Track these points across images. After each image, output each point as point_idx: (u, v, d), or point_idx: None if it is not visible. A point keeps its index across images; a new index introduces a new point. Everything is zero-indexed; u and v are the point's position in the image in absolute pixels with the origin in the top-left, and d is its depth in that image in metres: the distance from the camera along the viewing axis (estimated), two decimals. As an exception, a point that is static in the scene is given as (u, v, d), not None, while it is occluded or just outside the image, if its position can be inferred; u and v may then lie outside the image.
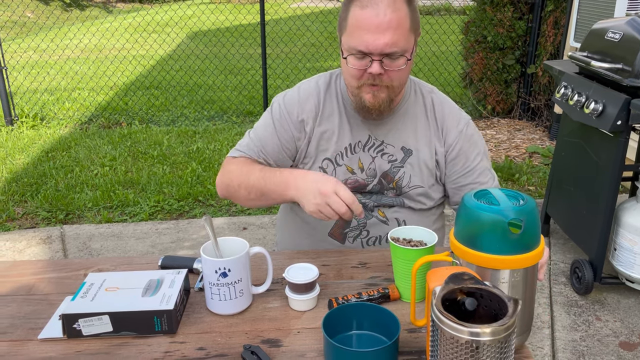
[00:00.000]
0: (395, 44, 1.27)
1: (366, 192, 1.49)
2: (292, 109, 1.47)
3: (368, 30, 1.25)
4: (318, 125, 1.46)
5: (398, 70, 1.31)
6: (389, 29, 1.25)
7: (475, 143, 1.48)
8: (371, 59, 1.28)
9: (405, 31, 1.28)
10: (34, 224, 3.40)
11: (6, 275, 1.31)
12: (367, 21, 1.25)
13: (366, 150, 1.46)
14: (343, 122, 1.46)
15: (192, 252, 3.06)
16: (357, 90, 1.36)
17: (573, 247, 3.00)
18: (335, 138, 1.46)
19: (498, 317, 0.79)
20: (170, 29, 7.65)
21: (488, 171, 1.49)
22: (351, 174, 1.47)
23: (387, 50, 1.27)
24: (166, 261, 1.32)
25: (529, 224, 0.90)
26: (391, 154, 1.46)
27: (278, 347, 1.04)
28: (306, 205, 1.28)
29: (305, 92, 1.48)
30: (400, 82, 1.36)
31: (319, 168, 1.48)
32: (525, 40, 4.89)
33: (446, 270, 0.89)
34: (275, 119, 1.48)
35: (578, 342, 2.29)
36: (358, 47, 1.28)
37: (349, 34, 1.30)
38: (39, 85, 6.16)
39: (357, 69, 1.31)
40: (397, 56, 1.29)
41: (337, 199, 1.23)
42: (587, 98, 2.47)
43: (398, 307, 1.15)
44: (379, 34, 1.25)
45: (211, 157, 4.35)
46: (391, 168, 1.46)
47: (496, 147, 4.56)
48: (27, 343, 1.07)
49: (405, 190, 1.47)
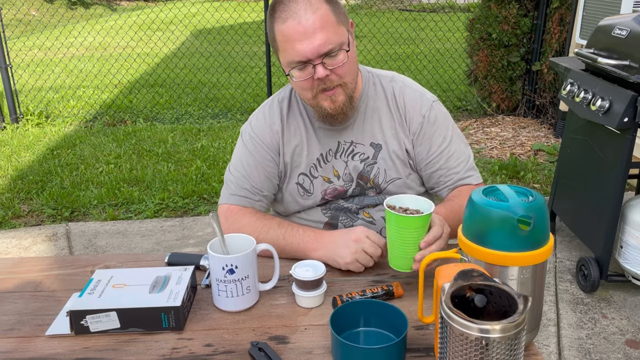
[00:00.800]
0: (328, 41, 1.25)
1: (348, 197, 1.48)
2: (263, 135, 1.46)
3: (297, 39, 1.25)
4: (287, 143, 1.45)
5: (343, 65, 1.29)
6: (316, 31, 1.24)
7: (440, 126, 1.45)
8: (312, 64, 1.27)
9: (332, 26, 1.27)
10: (39, 222, 3.41)
11: (13, 272, 1.32)
12: (293, 32, 1.25)
13: (338, 157, 1.45)
14: (310, 135, 1.45)
15: (198, 249, 3.07)
16: (314, 101, 1.34)
17: (579, 244, 2.99)
18: (306, 152, 1.45)
19: (508, 314, 0.79)
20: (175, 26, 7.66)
21: (459, 154, 1.45)
22: (328, 183, 1.46)
23: (323, 50, 1.25)
24: (173, 258, 1.32)
25: (538, 221, 0.89)
26: (362, 153, 1.45)
27: (285, 344, 1.04)
28: (340, 260, 1.27)
29: (269, 115, 1.47)
30: (351, 75, 1.34)
31: (296, 184, 1.47)
32: (530, 37, 4.87)
33: (455, 267, 0.88)
34: (251, 150, 1.46)
35: (584, 340, 2.28)
36: (295, 58, 1.27)
37: (283, 50, 1.29)
38: (44, 83, 6.18)
39: (304, 80, 1.30)
40: (335, 52, 1.27)
41: (370, 242, 1.25)
42: (593, 95, 2.45)
43: (405, 304, 1.15)
44: (308, 39, 1.24)
45: (216, 155, 4.35)
46: (365, 167, 1.45)
47: (501, 144, 4.55)
48: (34, 339, 1.07)
49: (384, 186, 1.46)
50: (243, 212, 1.43)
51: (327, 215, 1.50)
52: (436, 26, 6.16)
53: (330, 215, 1.50)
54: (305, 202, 1.48)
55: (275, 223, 1.38)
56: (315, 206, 1.50)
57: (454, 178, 1.44)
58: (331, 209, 1.49)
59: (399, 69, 6.14)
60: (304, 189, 1.48)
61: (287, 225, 1.37)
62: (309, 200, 1.48)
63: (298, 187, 1.47)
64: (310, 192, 1.47)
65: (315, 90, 1.31)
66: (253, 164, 1.45)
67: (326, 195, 1.47)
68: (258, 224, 1.38)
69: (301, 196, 1.48)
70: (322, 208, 1.50)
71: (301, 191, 1.48)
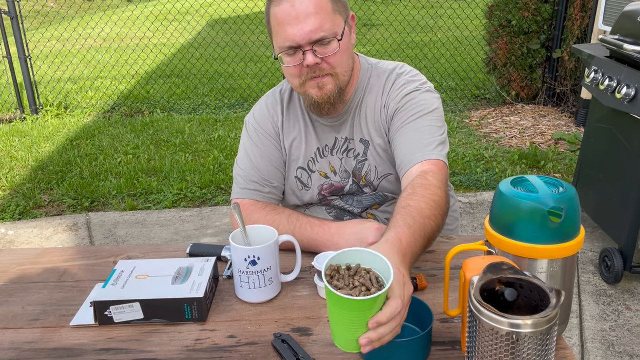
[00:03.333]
0: (321, 29, 1.22)
1: (345, 195, 1.46)
2: (266, 124, 1.44)
3: (289, 23, 1.22)
4: (287, 135, 1.44)
5: (334, 54, 1.25)
6: (309, 16, 1.21)
7: (411, 104, 1.32)
8: (303, 51, 1.24)
9: (328, 14, 1.23)
10: (60, 212, 3.45)
11: (37, 262, 1.33)
12: (285, 15, 1.22)
13: (334, 153, 1.43)
14: (308, 128, 1.43)
15: (216, 239, 3.08)
16: (302, 88, 1.31)
17: (602, 235, 2.94)
18: (304, 145, 1.43)
19: (539, 309, 0.77)
20: (191, 17, 7.66)
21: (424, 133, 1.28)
22: (325, 178, 1.44)
23: (315, 37, 1.22)
24: (194, 249, 1.32)
25: (570, 213, 0.87)
26: (354, 149, 1.42)
27: (308, 336, 1.03)
28: None
29: (271, 105, 1.45)
30: (343, 67, 1.29)
31: (295, 178, 1.45)
32: (551, 24, 4.78)
33: (483, 260, 0.86)
34: (256, 142, 1.44)
35: (607, 332, 2.25)
36: (285, 43, 1.24)
37: (275, 34, 1.26)
38: (62, 74, 6.23)
39: (293, 67, 1.27)
40: (328, 41, 1.24)
41: None
42: (618, 83, 2.40)
43: (429, 296, 1.13)
44: (300, 23, 1.21)
45: (233, 146, 4.35)
46: (356, 165, 1.42)
47: (521, 133, 4.48)
48: (59, 330, 1.08)
49: (377, 183, 1.41)
50: (255, 207, 1.38)
51: (332, 214, 1.48)
52: (454, 14, 6.07)
53: (335, 215, 1.48)
54: (303, 196, 1.46)
55: (285, 218, 1.31)
56: (315, 203, 1.47)
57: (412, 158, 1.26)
58: (336, 209, 1.48)
59: (416, 58, 6.07)
60: (302, 183, 1.46)
61: (296, 220, 1.30)
62: (307, 195, 1.46)
63: (297, 181, 1.46)
64: (308, 187, 1.46)
65: (304, 77, 1.28)
66: (259, 155, 1.43)
67: (323, 191, 1.45)
68: (268, 219, 1.33)
69: (299, 190, 1.46)
70: (326, 208, 1.48)
71: (299, 185, 1.46)
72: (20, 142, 4.53)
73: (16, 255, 1.37)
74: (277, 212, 1.35)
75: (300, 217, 1.31)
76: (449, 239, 1.36)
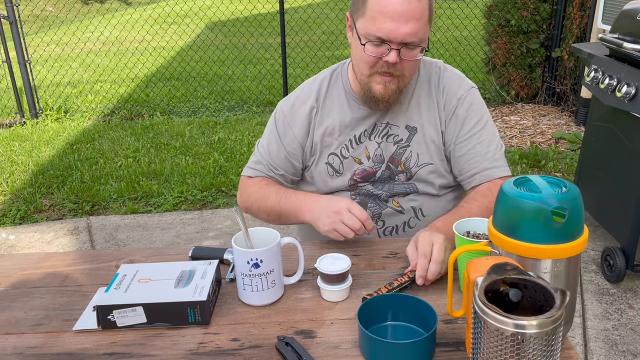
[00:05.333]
0: (416, 34, 1.24)
1: (376, 181, 1.46)
2: (295, 114, 1.47)
3: (392, 18, 1.21)
4: (320, 123, 1.45)
5: (413, 60, 1.28)
6: (413, 19, 1.22)
7: (475, 112, 1.42)
8: (390, 47, 1.25)
9: (425, 22, 1.25)
10: (61, 216, 3.45)
11: (40, 267, 1.33)
12: (391, 8, 1.21)
13: (372, 138, 1.44)
14: (346, 115, 1.44)
15: (217, 242, 3.07)
16: (367, 79, 1.32)
17: (603, 234, 2.93)
18: (338, 133, 1.44)
19: (544, 309, 0.76)
20: (190, 20, 7.65)
21: (489, 142, 1.41)
22: (358, 164, 1.45)
23: (408, 40, 1.24)
24: (197, 252, 1.31)
25: (573, 212, 0.87)
26: (397, 135, 1.43)
27: (312, 339, 1.03)
28: (321, 226, 1.29)
29: (308, 93, 1.47)
30: (412, 72, 1.34)
31: (326, 164, 1.46)
32: (550, 23, 4.78)
33: (487, 260, 0.86)
34: (279, 129, 1.48)
35: (611, 331, 2.25)
36: (378, 34, 1.23)
37: (370, 19, 1.24)
38: (62, 78, 6.22)
39: (373, 57, 1.28)
40: (414, 46, 1.26)
41: (350, 216, 1.24)
42: (618, 81, 2.39)
43: (433, 297, 1.13)
44: (402, 22, 1.21)
45: (233, 148, 4.35)
46: (397, 150, 1.43)
47: (521, 133, 4.48)
48: (62, 334, 1.07)
49: (415, 170, 1.43)
50: (251, 182, 1.50)
51: (356, 200, 1.48)
52: (453, 14, 6.07)
53: (359, 201, 1.48)
54: (333, 182, 1.47)
55: (274, 191, 1.43)
56: (344, 189, 1.48)
57: (480, 167, 1.40)
58: (361, 195, 1.48)
59: (415, 59, 6.06)
60: (333, 169, 1.46)
61: (284, 192, 1.41)
62: (337, 181, 1.47)
63: (328, 167, 1.47)
64: (340, 173, 1.46)
65: (376, 69, 1.29)
66: (276, 142, 1.48)
67: (355, 176, 1.46)
68: (260, 193, 1.45)
69: (330, 176, 1.47)
70: (352, 193, 1.48)
71: (331, 171, 1.47)
72: (21, 147, 4.53)
73: (18, 260, 1.37)
74: (269, 186, 1.46)
75: (287, 190, 1.43)
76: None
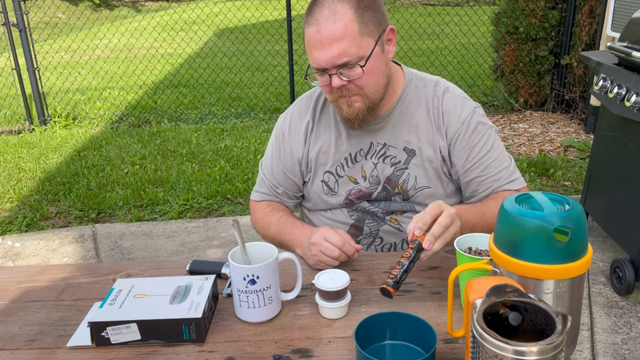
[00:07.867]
0: (344, 54, 1.23)
1: (373, 200, 1.45)
2: (293, 128, 1.48)
3: (314, 47, 1.25)
4: (315, 139, 1.45)
5: (359, 77, 1.26)
6: (333, 42, 1.23)
7: (481, 133, 1.39)
8: (329, 74, 1.27)
9: (353, 38, 1.23)
10: (66, 223, 3.45)
11: (37, 280, 1.31)
12: (312, 39, 1.25)
13: (368, 157, 1.43)
14: (341, 133, 1.43)
15: (222, 250, 3.06)
16: (335, 103, 1.36)
17: (612, 245, 2.88)
18: (333, 150, 1.44)
19: (544, 333, 0.74)
20: (198, 26, 7.68)
21: (500, 161, 1.39)
22: (354, 184, 1.44)
23: (338, 62, 1.24)
24: (194, 266, 1.30)
25: (576, 231, 0.84)
26: (394, 156, 1.41)
27: (309, 357, 1.01)
28: (309, 261, 1.31)
29: (304, 107, 1.48)
30: (372, 86, 1.30)
31: (321, 182, 1.46)
32: (558, 30, 4.74)
33: (486, 280, 0.84)
34: (276, 147, 1.51)
35: (619, 345, 2.20)
36: (314, 65, 1.28)
37: (307, 53, 1.30)
38: (70, 85, 6.26)
39: (323, 86, 1.31)
40: (352, 65, 1.25)
41: (327, 244, 1.25)
42: (627, 90, 2.36)
43: (433, 315, 1.10)
44: (325, 48, 1.23)
45: (239, 155, 4.34)
46: (394, 172, 1.41)
47: (529, 141, 4.44)
48: (56, 351, 1.06)
49: (412, 193, 1.41)
50: (258, 207, 1.53)
51: (353, 217, 1.47)
52: (461, 20, 6.04)
53: (356, 218, 1.46)
54: (329, 200, 1.47)
55: (275, 220, 1.45)
56: (340, 207, 1.47)
57: (495, 185, 1.38)
58: (358, 211, 1.46)
59: (422, 65, 6.05)
60: (328, 187, 1.46)
61: (284, 222, 1.43)
62: (333, 199, 1.46)
63: (323, 185, 1.46)
64: (334, 191, 1.45)
65: (335, 95, 1.32)
66: (276, 158, 1.50)
67: (350, 196, 1.44)
68: (264, 220, 1.49)
69: (325, 194, 1.46)
70: (348, 210, 1.47)
71: (326, 189, 1.46)
72: (29, 153, 4.55)
73: (16, 273, 1.36)
74: (272, 213, 1.48)
75: (287, 220, 1.43)
76: (454, 254, 1.33)
